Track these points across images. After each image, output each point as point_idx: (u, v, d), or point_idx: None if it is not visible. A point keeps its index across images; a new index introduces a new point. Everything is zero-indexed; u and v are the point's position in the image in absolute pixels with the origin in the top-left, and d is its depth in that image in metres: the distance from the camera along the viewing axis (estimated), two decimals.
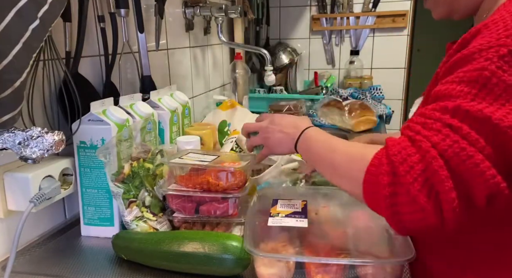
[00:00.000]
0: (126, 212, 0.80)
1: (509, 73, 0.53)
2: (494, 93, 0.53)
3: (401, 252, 0.65)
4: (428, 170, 0.52)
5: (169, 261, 0.71)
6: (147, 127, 0.92)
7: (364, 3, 2.15)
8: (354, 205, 0.87)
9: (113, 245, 0.77)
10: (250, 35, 2.04)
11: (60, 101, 0.87)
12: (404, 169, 0.52)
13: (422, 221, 0.53)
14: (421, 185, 0.52)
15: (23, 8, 0.63)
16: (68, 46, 0.87)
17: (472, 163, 0.51)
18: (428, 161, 0.52)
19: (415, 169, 0.52)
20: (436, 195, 0.51)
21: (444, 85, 0.58)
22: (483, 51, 0.55)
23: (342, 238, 0.73)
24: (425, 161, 0.52)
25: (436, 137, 0.53)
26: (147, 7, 1.20)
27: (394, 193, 0.53)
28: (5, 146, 0.66)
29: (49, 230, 0.89)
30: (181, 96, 1.15)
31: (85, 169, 0.83)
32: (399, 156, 0.54)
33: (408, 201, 0.52)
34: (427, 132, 0.54)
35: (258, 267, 0.68)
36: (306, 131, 0.75)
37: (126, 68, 1.11)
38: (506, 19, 0.57)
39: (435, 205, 0.51)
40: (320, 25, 2.22)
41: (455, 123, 0.53)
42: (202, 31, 1.61)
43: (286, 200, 0.83)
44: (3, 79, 0.61)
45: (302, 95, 1.97)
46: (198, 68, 1.60)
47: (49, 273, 0.73)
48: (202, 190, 0.82)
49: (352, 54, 2.17)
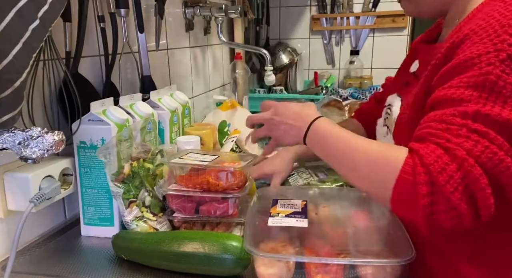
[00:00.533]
0: (126, 212, 0.80)
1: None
2: (503, 96, 0.56)
3: (401, 252, 0.65)
4: (467, 178, 0.54)
5: (169, 261, 0.71)
6: (147, 127, 0.92)
7: (364, 3, 2.15)
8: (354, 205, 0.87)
9: (113, 245, 0.77)
10: (250, 35, 2.04)
11: (60, 101, 0.87)
12: (444, 178, 0.54)
13: (459, 224, 0.55)
14: (461, 193, 0.54)
15: (23, 8, 0.63)
16: (68, 46, 0.87)
17: (504, 166, 0.54)
18: (467, 169, 0.54)
19: (455, 178, 0.54)
20: (475, 201, 0.54)
21: (449, 90, 0.60)
22: (482, 56, 0.58)
23: (342, 238, 0.73)
24: (463, 169, 0.54)
25: (467, 144, 0.55)
26: (147, 7, 1.20)
27: (433, 202, 0.54)
28: (5, 146, 0.66)
29: (49, 230, 0.89)
30: (181, 96, 1.15)
31: (85, 169, 0.83)
32: (436, 165, 0.55)
33: (447, 208, 0.54)
34: (456, 140, 0.56)
35: (258, 267, 0.68)
36: (315, 123, 0.73)
37: (126, 68, 1.11)
38: (492, 24, 0.60)
39: (474, 211, 0.54)
40: (320, 25, 2.22)
41: (480, 129, 0.55)
42: (202, 31, 1.61)
43: (286, 200, 0.83)
44: (3, 79, 0.61)
45: (302, 95, 1.97)
46: (198, 68, 1.60)
47: (49, 273, 0.73)
48: (202, 190, 0.82)
49: (352, 54, 2.17)
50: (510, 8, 0.61)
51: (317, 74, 2.21)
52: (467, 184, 0.54)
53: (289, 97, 1.95)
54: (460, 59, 0.60)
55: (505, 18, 0.60)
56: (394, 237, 0.71)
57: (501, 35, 0.58)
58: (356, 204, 0.87)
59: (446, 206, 0.54)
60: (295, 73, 2.12)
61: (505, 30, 0.59)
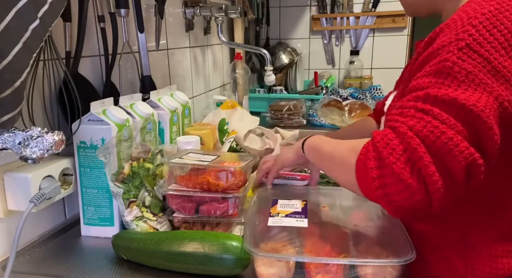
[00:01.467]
0: (126, 212, 0.80)
1: (468, 62, 0.60)
2: (458, 80, 0.60)
3: (401, 252, 0.65)
4: (408, 149, 0.57)
5: (169, 261, 0.71)
6: (147, 127, 0.92)
7: (364, 3, 2.15)
8: (354, 205, 0.87)
9: (113, 245, 0.77)
10: (250, 35, 2.04)
11: (60, 101, 0.87)
12: (387, 151, 0.58)
13: (410, 199, 0.57)
14: (404, 163, 0.57)
15: (23, 8, 0.63)
16: (68, 46, 0.87)
17: (446, 138, 0.57)
18: (407, 142, 0.58)
19: (397, 150, 0.58)
20: (419, 171, 0.56)
21: (416, 80, 0.65)
22: (445, 46, 0.63)
23: (342, 238, 0.73)
24: (404, 142, 0.58)
25: (412, 121, 0.59)
26: (147, 7, 1.20)
27: (381, 175, 0.58)
28: (5, 146, 0.66)
29: (49, 230, 0.89)
30: (181, 96, 1.15)
31: (85, 169, 0.83)
32: (382, 142, 0.60)
33: (394, 181, 0.57)
34: (403, 119, 0.60)
35: (258, 267, 0.68)
36: (308, 138, 0.85)
37: (126, 68, 1.11)
38: (462, 18, 0.64)
39: (418, 180, 0.56)
40: (320, 25, 2.22)
41: (426, 108, 0.60)
42: (202, 31, 1.61)
43: (286, 200, 0.83)
44: (3, 79, 0.62)
45: (302, 95, 1.97)
46: (198, 68, 1.60)
47: (49, 273, 0.73)
48: (202, 190, 0.82)
49: (352, 54, 2.17)
50: (484, 4, 0.65)
51: (317, 74, 2.21)
52: (409, 156, 0.57)
53: (289, 97, 1.95)
54: (429, 50, 0.65)
55: (474, 11, 0.64)
56: (394, 237, 0.71)
57: (465, 26, 0.63)
58: (356, 204, 0.87)
59: (392, 177, 0.57)
60: (295, 73, 2.12)
61: (470, 22, 0.63)
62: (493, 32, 0.62)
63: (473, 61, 0.60)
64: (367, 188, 0.61)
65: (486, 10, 0.64)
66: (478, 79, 0.60)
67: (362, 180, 0.61)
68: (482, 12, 0.63)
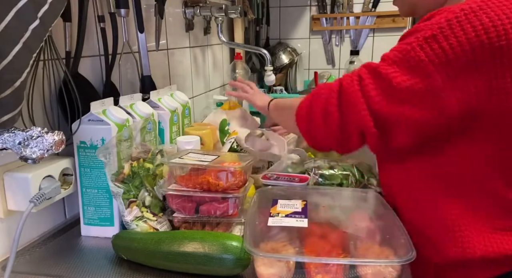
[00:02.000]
0: (126, 212, 0.80)
1: (425, 51, 0.65)
2: (407, 63, 0.67)
3: (401, 252, 0.65)
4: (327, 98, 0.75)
5: (169, 261, 0.71)
6: (147, 127, 0.92)
7: (364, 3, 2.15)
8: (354, 205, 0.87)
9: (113, 245, 0.77)
10: (250, 35, 2.04)
11: (60, 101, 0.87)
12: (314, 98, 0.78)
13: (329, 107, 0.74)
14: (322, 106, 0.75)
15: (23, 8, 0.63)
16: (68, 46, 0.87)
17: (354, 91, 0.71)
18: (331, 85, 0.75)
19: (322, 91, 0.76)
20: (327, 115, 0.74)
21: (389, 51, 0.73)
22: (417, 32, 0.68)
23: (342, 238, 0.73)
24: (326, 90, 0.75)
25: (343, 79, 0.74)
26: (147, 7, 1.20)
27: (311, 104, 0.78)
28: (5, 146, 0.66)
29: (49, 230, 0.89)
30: (181, 96, 1.15)
31: (85, 169, 0.83)
32: (315, 90, 0.79)
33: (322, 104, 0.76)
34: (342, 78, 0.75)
35: (258, 267, 0.68)
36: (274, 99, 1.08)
37: (126, 68, 1.11)
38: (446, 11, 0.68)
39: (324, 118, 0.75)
40: (320, 25, 2.22)
41: (362, 73, 0.72)
42: (202, 31, 1.61)
43: (286, 200, 0.83)
44: (3, 79, 0.61)
45: (302, 95, 1.96)
46: (198, 68, 1.60)
47: (49, 273, 0.73)
48: (202, 190, 0.82)
49: (352, 54, 2.16)
50: (470, 2, 0.67)
51: (317, 74, 2.21)
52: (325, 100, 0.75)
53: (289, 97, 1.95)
54: (407, 31, 0.72)
55: (457, 7, 0.66)
56: (394, 237, 0.71)
57: (441, 19, 0.66)
58: (356, 204, 0.87)
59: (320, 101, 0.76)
60: (295, 73, 2.12)
61: (446, 15, 0.66)
62: (465, 27, 0.64)
63: (430, 52, 0.65)
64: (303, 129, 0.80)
65: (467, 6, 0.66)
66: (425, 69, 0.65)
67: (301, 123, 0.80)
68: (462, 8, 0.66)
